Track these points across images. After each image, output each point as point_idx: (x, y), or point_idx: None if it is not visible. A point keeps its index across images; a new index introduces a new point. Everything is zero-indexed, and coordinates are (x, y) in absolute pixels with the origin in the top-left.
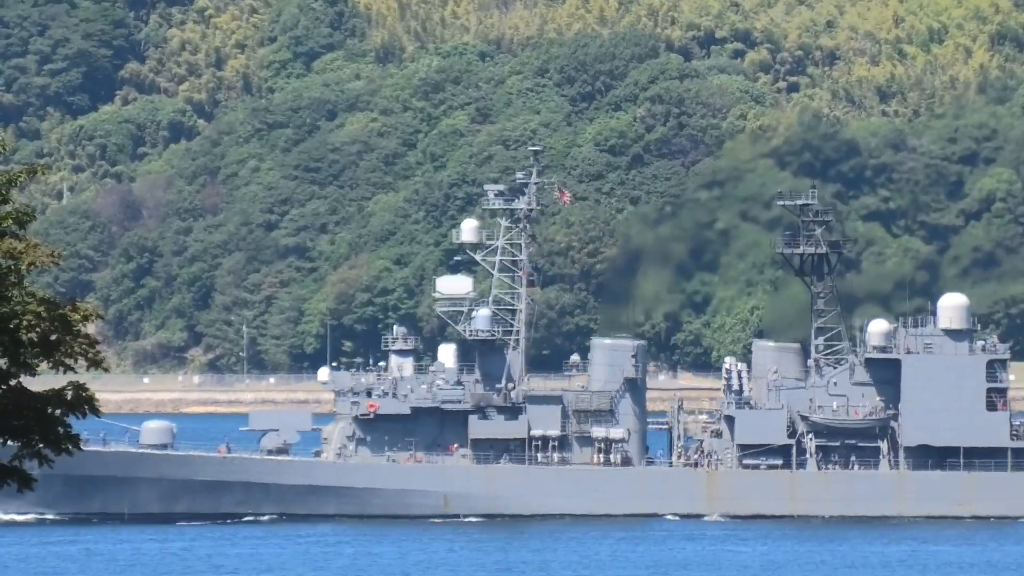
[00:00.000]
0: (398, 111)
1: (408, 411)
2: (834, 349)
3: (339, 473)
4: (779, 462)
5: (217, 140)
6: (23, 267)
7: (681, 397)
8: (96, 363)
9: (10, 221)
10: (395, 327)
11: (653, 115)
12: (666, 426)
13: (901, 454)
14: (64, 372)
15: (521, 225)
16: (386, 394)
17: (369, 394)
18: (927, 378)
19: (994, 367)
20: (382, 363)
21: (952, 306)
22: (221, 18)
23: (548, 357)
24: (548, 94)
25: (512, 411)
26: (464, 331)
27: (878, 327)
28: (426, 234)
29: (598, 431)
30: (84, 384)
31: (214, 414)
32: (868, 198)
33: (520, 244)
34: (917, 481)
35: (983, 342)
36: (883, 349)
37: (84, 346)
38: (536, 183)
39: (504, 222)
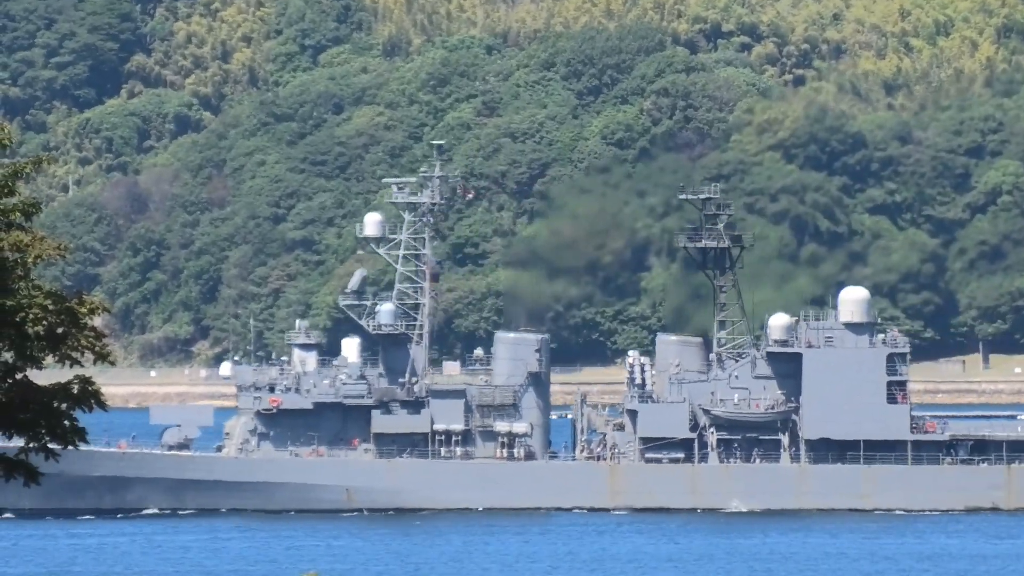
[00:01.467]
0: (404, 104)
1: (311, 406)
2: (736, 343)
3: (241, 468)
4: (681, 455)
5: (223, 133)
6: (29, 260)
7: (584, 391)
8: (103, 357)
9: (16, 214)
10: (297, 321)
11: (659, 108)
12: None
13: (802, 447)
14: (71, 366)
15: (425, 219)
16: (288, 389)
17: (271, 389)
18: (828, 371)
19: (894, 360)
20: (284, 357)
21: (853, 299)
22: (227, 11)
23: (554, 351)
24: (554, 87)
25: (415, 405)
26: (367, 325)
27: (779, 321)
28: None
29: (501, 425)
30: (90, 378)
31: (221, 408)
32: (874, 191)
33: (424, 238)
34: (818, 474)
35: (883, 335)
36: (784, 343)
37: (91, 339)
38: (440, 177)
39: (407, 216)
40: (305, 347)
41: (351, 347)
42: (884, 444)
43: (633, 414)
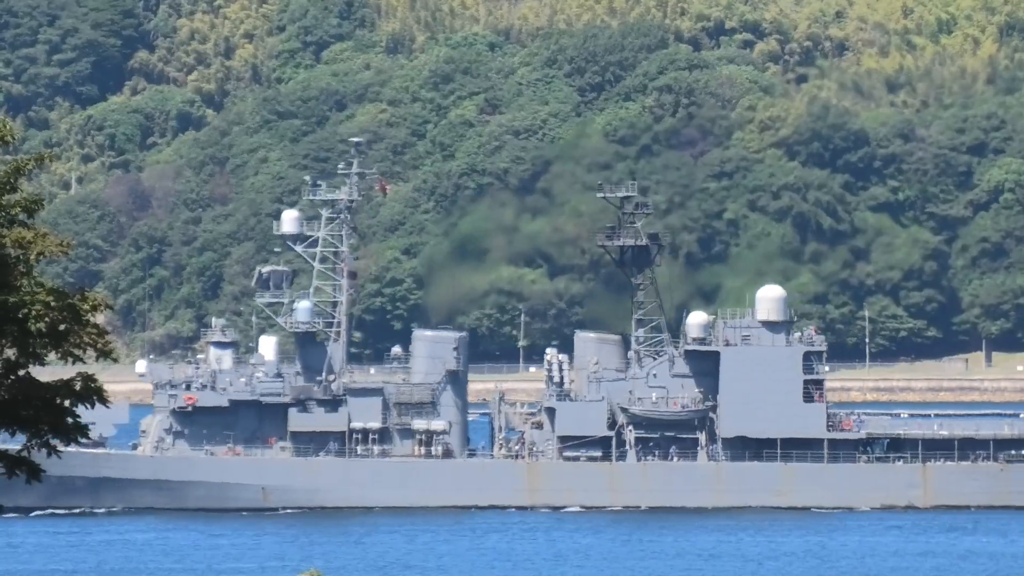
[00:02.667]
0: (407, 101)
1: (226, 404)
2: (654, 341)
3: (156, 466)
4: (599, 454)
5: (226, 130)
6: (32, 257)
7: (503, 389)
8: (105, 353)
9: (19, 210)
10: (213, 319)
11: (662, 105)
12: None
13: (719, 445)
14: (73, 362)
15: (342, 217)
16: (204, 387)
17: (187, 387)
18: (744, 370)
19: (811, 359)
20: (201, 355)
21: (769, 298)
22: (230, 8)
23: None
24: (557, 84)
25: (332, 404)
26: (285, 323)
27: (697, 319)
28: (435, 224)
29: (419, 423)
30: (93, 375)
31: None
32: (877, 188)
33: (341, 236)
34: (735, 472)
35: (800, 334)
36: (702, 341)
37: (93, 336)
38: (357, 174)
39: (325, 213)
40: (221, 345)
41: (267, 345)
42: (800, 442)
43: (551, 412)
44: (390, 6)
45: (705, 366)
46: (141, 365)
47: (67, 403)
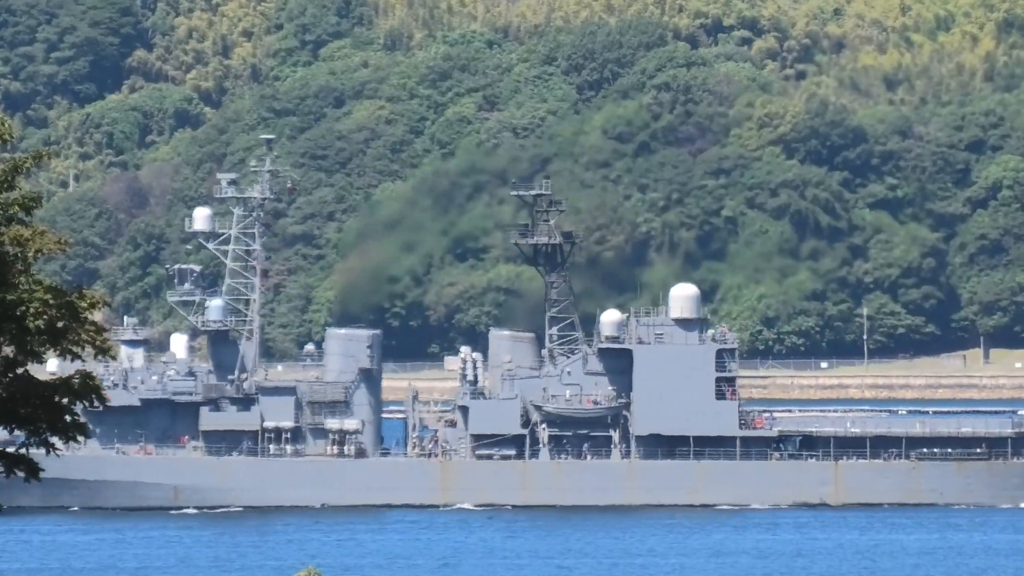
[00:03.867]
0: (405, 99)
1: (138, 403)
2: (568, 339)
3: (68, 465)
4: (512, 452)
5: (224, 128)
6: (30, 254)
7: (416, 388)
8: (103, 351)
9: (17, 208)
10: (125, 317)
11: (660, 103)
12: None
13: (633, 443)
14: (71, 360)
15: (255, 214)
16: (116, 385)
17: None
18: (658, 367)
19: (723, 356)
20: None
21: (682, 296)
22: (228, 6)
23: None
24: (555, 82)
25: (245, 402)
26: (196, 322)
27: (610, 317)
28: (433, 222)
29: (332, 422)
30: (91, 372)
31: None
32: (875, 186)
33: (254, 233)
34: (648, 470)
35: (713, 331)
36: (615, 339)
37: (91, 334)
38: (269, 171)
39: (237, 211)
40: (132, 343)
41: (179, 343)
42: (713, 440)
43: (465, 410)
44: (388, 4)
45: (618, 364)
46: (53, 364)
47: (65, 401)
